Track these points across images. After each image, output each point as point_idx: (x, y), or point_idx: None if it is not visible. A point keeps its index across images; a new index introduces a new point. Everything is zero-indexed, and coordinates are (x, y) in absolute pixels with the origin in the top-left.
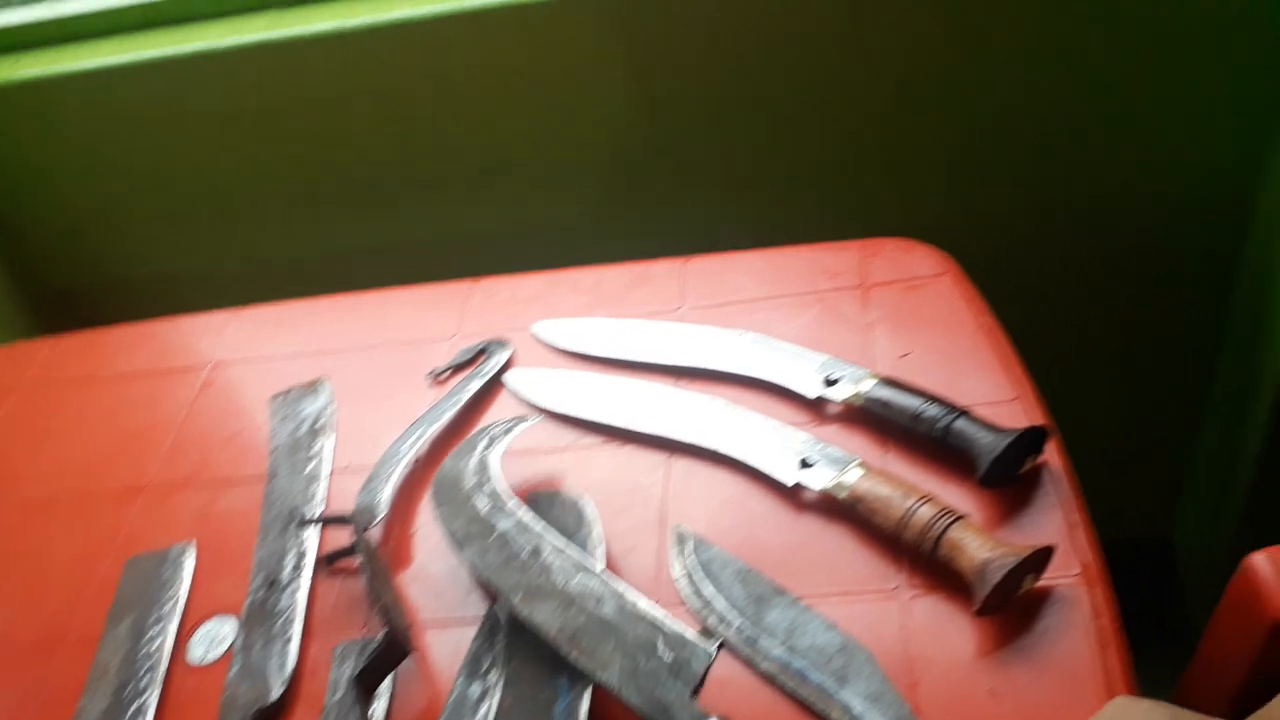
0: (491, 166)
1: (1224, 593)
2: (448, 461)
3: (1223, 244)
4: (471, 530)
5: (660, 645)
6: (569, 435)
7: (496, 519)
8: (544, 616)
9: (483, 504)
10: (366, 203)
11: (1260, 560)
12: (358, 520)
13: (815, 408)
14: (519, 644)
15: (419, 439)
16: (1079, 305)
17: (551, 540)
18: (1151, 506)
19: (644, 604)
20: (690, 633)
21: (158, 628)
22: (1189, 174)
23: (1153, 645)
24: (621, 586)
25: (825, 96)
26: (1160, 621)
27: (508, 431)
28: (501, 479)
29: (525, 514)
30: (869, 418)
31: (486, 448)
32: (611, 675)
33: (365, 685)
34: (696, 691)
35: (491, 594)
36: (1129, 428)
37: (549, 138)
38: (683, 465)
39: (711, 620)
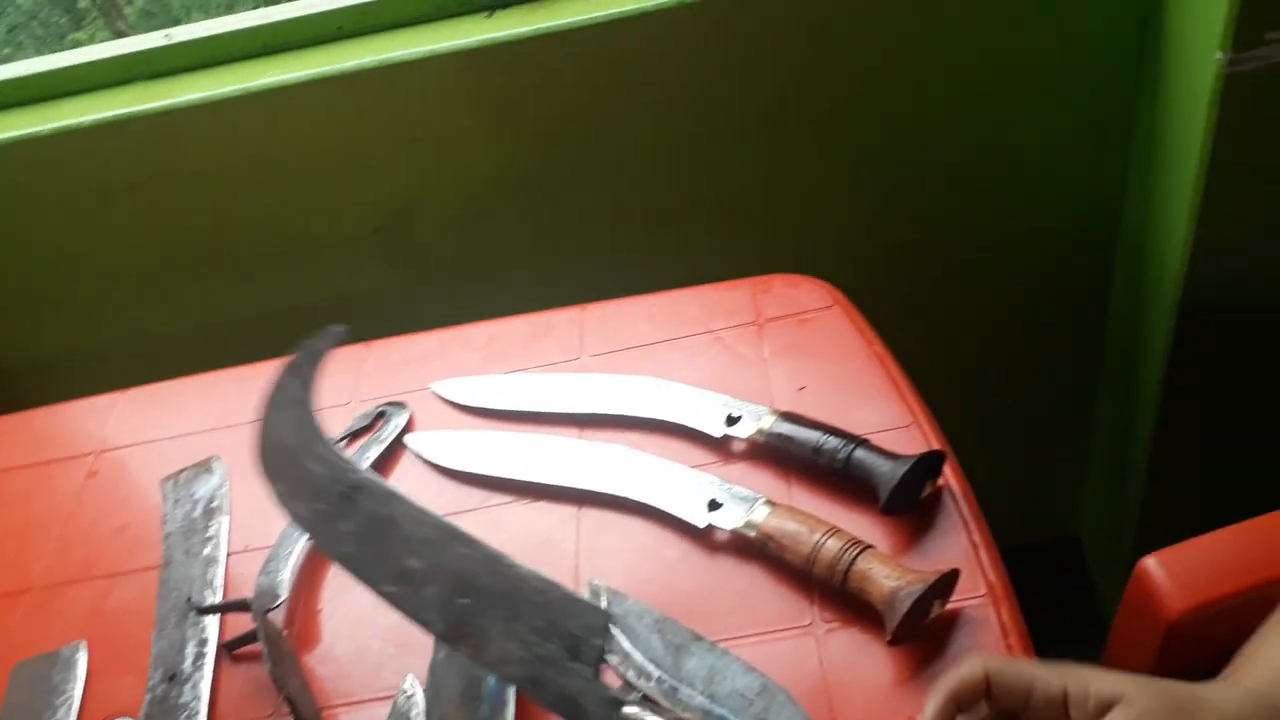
0: (377, 226)
1: (1123, 596)
2: (266, 419)
3: (1097, 258)
4: (316, 510)
5: (553, 619)
6: (476, 496)
7: (337, 488)
8: (426, 611)
9: (318, 470)
10: (247, 271)
11: (1152, 564)
12: (258, 604)
13: (720, 447)
14: (435, 718)
15: None
16: (967, 328)
17: (404, 506)
18: (1061, 510)
19: (521, 568)
20: (577, 596)
21: None
22: (1061, 200)
23: (1068, 643)
24: (492, 549)
25: (706, 139)
26: (1074, 619)
27: (315, 359)
28: (322, 426)
29: (364, 474)
30: (772, 453)
31: (301, 390)
32: (512, 671)
33: None
34: (599, 668)
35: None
36: (1032, 434)
37: (435, 193)
38: (594, 516)
39: (631, 674)
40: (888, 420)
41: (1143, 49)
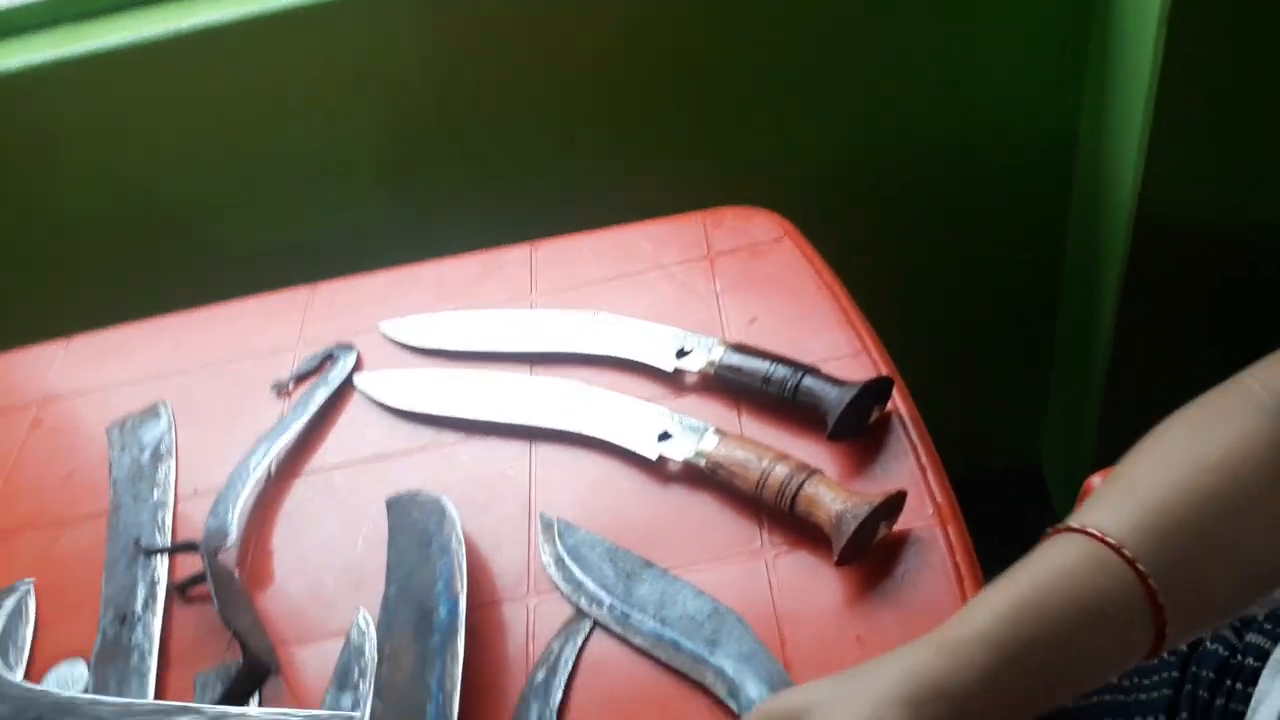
0: (319, 170)
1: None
2: None
3: (1052, 184)
4: None
5: None
6: (426, 434)
7: (37, 707)
8: None
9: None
10: (182, 220)
11: (1099, 482)
12: (208, 544)
13: (671, 380)
14: (388, 650)
15: (266, 455)
16: (924, 262)
17: (132, 704)
18: (1023, 438)
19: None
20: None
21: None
22: (1015, 122)
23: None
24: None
25: (655, 71)
26: (1029, 542)
27: None
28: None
29: (71, 695)
30: (723, 384)
31: None
32: None
33: None
34: None
35: None
36: (993, 364)
37: (379, 134)
38: (545, 452)
39: (583, 602)
40: (837, 349)
41: None
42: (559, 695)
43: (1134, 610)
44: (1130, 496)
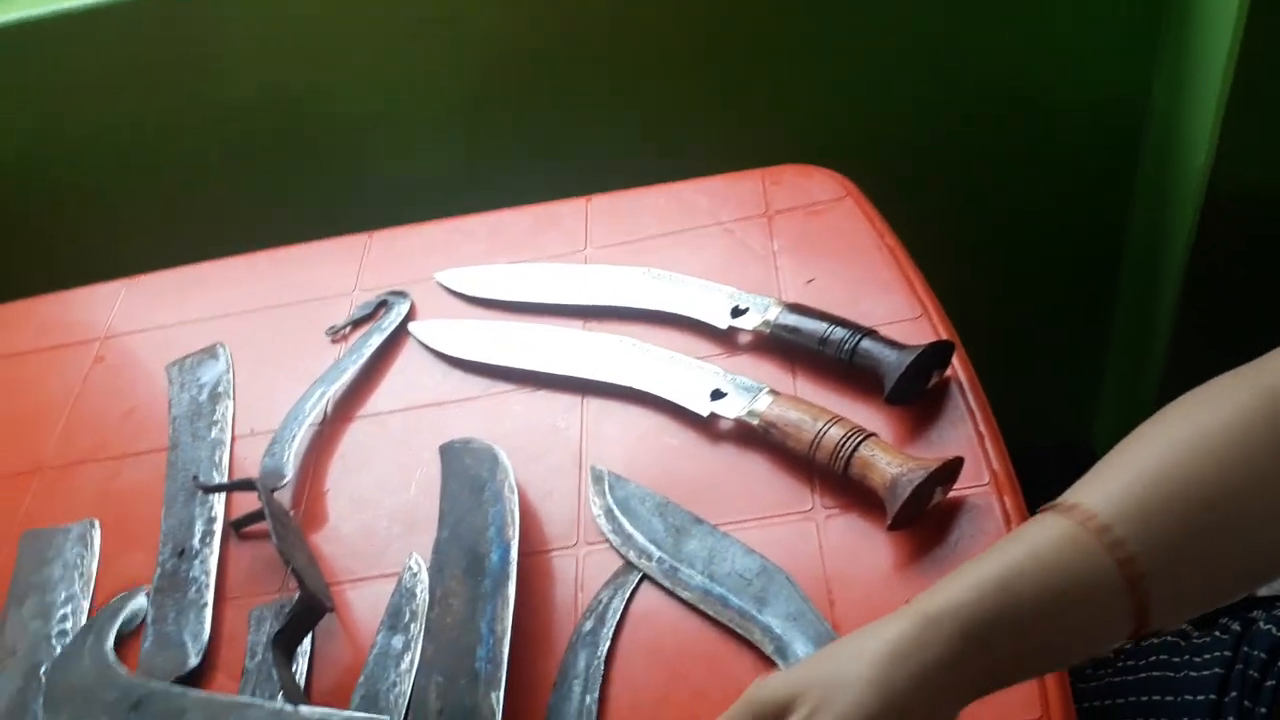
0: (381, 112)
1: None
2: (54, 673)
3: (1122, 145)
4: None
5: None
6: (480, 384)
7: (138, 692)
8: None
9: (112, 694)
10: (247, 159)
11: None
12: (263, 483)
13: (725, 339)
14: (439, 593)
15: (322, 397)
16: (985, 224)
17: (214, 697)
18: (1074, 413)
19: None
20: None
21: (68, 607)
22: (1085, 82)
23: None
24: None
25: (719, 26)
26: None
27: (115, 616)
28: (125, 672)
29: (166, 685)
30: (778, 345)
31: (95, 643)
32: None
33: (283, 647)
34: None
35: None
36: (1047, 338)
37: (435, 83)
38: (597, 405)
39: (632, 554)
40: (897, 312)
41: None
42: (606, 645)
43: (1108, 593)
44: (1126, 474)
